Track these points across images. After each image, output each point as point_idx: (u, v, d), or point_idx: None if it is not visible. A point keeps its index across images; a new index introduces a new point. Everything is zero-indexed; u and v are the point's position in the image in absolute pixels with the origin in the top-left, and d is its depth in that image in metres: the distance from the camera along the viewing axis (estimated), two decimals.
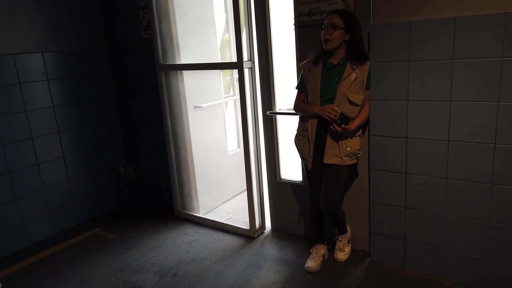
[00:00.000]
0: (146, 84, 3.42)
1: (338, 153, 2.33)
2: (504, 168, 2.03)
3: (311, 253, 2.63)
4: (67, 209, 3.40)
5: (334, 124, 2.20)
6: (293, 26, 2.60)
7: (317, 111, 2.28)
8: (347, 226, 2.63)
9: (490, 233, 2.14)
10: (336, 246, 2.68)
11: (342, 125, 2.19)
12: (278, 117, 2.90)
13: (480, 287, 2.24)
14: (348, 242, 2.66)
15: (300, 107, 2.44)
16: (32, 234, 3.17)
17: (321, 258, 2.61)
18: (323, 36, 2.23)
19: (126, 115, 3.68)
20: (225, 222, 3.26)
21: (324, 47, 2.25)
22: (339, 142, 2.31)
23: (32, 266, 2.86)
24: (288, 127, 2.94)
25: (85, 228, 3.39)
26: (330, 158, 2.34)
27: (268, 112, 2.87)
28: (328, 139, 2.32)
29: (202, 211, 3.54)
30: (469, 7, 1.98)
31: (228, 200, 3.83)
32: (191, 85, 3.37)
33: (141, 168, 3.75)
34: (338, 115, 2.18)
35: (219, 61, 3.71)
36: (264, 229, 3.14)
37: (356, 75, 2.26)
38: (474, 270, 2.23)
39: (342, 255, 2.64)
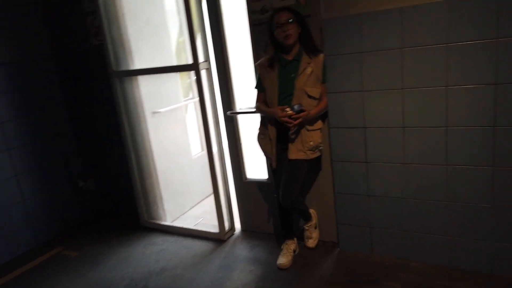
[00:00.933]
0: (100, 93, 3.29)
1: (301, 148, 2.35)
2: (457, 149, 2.13)
3: (282, 249, 2.64)
4: (25, 230, 3.21)
5: (288, 120, 2.22)
6: (247, 24, 2.60)
7: (271, 114, 2.32)
8: (311, 213, 2.66)
9: (449, 212, 2.23)
10: (305, 235, 2.70)
11: (297, 115, 2.21)
12: (239, 116, 2.89)
13: (445, 264, 2.33)
14: (315, 228, 2.70)
15: (260, 108, 2.44)
16: None
17: (292, 253, 2.62)
18: (283, 33, 2.21)
19: (82, 126, 3.53)
20: (194, 228, 3.20)
21: (285, 42, 2.24)
22: (301, 137, 2.33)
23: None
24: (250, 126, 2.93)
25: (46, 249, 3.21)
26: (294, 153, 2.35)
27: (228, 113, 2.85)
28: (290, 136, 2.34)
29: (170, 219, 3.46)
30: None
31: (196, 205, 3.76)
32: (148, 91, 3.28)
33: (102, 180, 3.61)
34: (293, 116, 2.21)
35: (175, 64, 3.63)
36: (234, 230, 3.12)
37: (311, 69, 2.29)
38: (438, 248, 2.32)
39: (311, 242, 2.68)
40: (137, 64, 3.20)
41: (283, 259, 2.56)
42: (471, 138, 2.08)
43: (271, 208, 2.92)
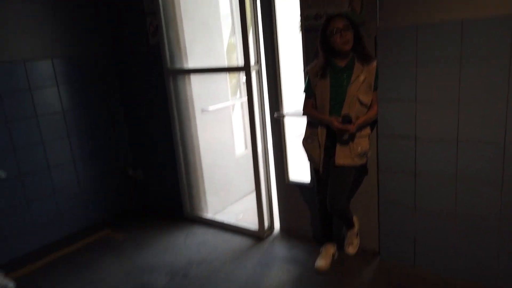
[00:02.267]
0: (154, 89, 3.46)
1: (349, 154, 2.36)
2: None
3: (321, 252, 2.66)
4: (78, 211, 3.45)
5: (343, 128, 2.25)
6: (299, 30, 2.64)
7: (326, 122, 2.34)
8: (354, 220, 2.67)
9: (501, 232, 2.16)
10: (346, 241, 2.71)
11: (348, 125, 2.24)
12: (286, 119, 2.94)
13: (492, 285, 2.25)
14: (357, 236, 2.70)
15: (310, 113, 2.47)
16: (44, 236, 3.22)
17: (331, 257, 2.63)
18: (340, 39, 2.21)
19: (134, 119, 3.73)
20: (234, 223, 3.29)
21: (342, 49, 2.24)
22: (350, 143, 2.34)
23: (44, 267, 2.90)
24: (295, 129, 2.97)
25: (96, 230, 3.44)
26: (341, 159, 2.37)
27: (275, 114, 2.91)
28: (338, 141, 2.36)
29: (211, 212, 3.58)
30: (475, 9, 2.01)
31: (237, 201, 3.86)
32: (199, 89, 3.42)
33: (150, 170, 3.79)
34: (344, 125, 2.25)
35: (226, 64, 3.75)
36: (273, 230, 3.17)
37: (364, 76, 2.29)
38: (487, 268, 2.25)
39: (351, 248, 2.68)
40: (190, 63, 3.34)
41: (322, 262, 2.58)
42: None
43: (312, 211, 2.94)
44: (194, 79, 3.37)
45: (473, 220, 2.23)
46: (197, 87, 3.40)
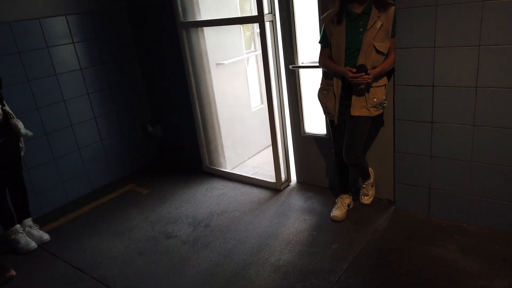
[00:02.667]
0: (168, 43, 3.44)
1: (365, 105, 2.33)
2: None
3: (336, 202, 2.72)
4: (102, 167, 3.60)
5: (359, 80, 2.20)
6: None
7: (342, 73, 2.29)
8: (370, 172, 2.69)
9: None
10: (361, 192, 2.77)
11: (362, 75, 2.18)
12: (301, 71, 2.89)
13: (504, 229, 2.28)
14: (372, 186, 2.74)
15: (325, 64, 2.41)
16: (72, 191, 3.40)
17: (346, 207, 2.70)
18: None
19: (150, 74, 3.75)
20: (251, 176, 3.37)
21: None
22: (366, 94, 2.31)
23: (74, 220, 3.09)
24: (311, 81, 2.93)
25: (120, 185, 3.59)
26: (357, 110, 2.34)
27: (290, 66, 2.86)
28: (354, 91, 2.32)
29: (229, 166, 3.66)
30: None
31: (254, 155, 3.92)
32: (213, 42, 3.37)
33: (168, 126, 3.86)
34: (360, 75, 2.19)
35: (239, 15, 3.65)
36: (290, 181, 3.24)
37: (381, 22, 2.20)
38: (498, 213, 2.27)
39: (367, 199, 2.75)
40: (203, 16, 3.27)
41: (337, 212, 2.65)
42: None
43: (328, 163, 2.97)
44: (208, 32, 3.32)
45: (488, 167, 2.22)
46: (211, 40, 3.36)
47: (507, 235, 2.25)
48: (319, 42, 2.45)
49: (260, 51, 3.00)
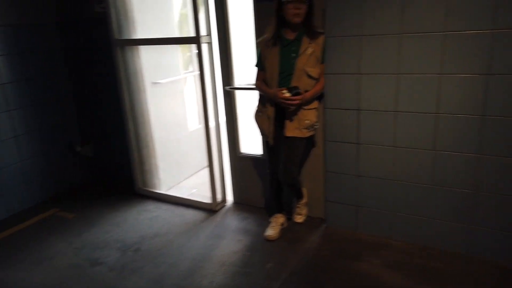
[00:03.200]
0: (102, 60, 3.32)
1: (298, 126, 2.42)
2: (445, 136, 2.21)
3: (271, 222, 2.75)
4: (22, 190, 3.30)
5: (287, 102, 2.30)
6: (251, 1, 2.62)
7: (271, 96, 2.37)
8: (303, 192, 2.78)
9: (434, 196, 2.34)
10: (294, 211, 2.83)
11: (295, 97, 2.28)
12: (237, 92, 2.94)
13: (424, 244, 2.45)
14: (305, 206, 2.83)
15: (259, 87, 2.49)
16: None
17: (280, 226, 2.73)
18: (292, 10, 2.21)
19: (82, 92, 3.57)
20: (187, 197, 3.30)
21: (292, 20, 2.26)
22: (298, 116, 2.40)
23: None
24: (248, 102, 2.99)
25: (42, 209, 3.31)
26: (290, 131, 2.43)
27: (227, 88, 2.90)
28: (287, 114, 2.41)
29: (164, 188, 3.55)
30: None
31: (190, 176, 3.85)
32: (149, 61, 3.32)
33: (100, 146, 3.67)
34: (288, 98, 2.29)
35: (177, 36, 3.65)
36: (226, 202, 3.22)
37: (312, 49, 2.33)
38: (419, 229, 2.44)
39: (299, 218, 2.82)
40: (139, 34, 3.22)
41: (271, 231, 2.67)
42: (459, 125, 2.16)
43: (264, 183, 3.01)
44: (144, 50, 3.26)
45: (409, 185, 2.39)
46: (147, 59, 3.30)
47: (426, 249, 2.42)
48: (255, 65, 2.52)
49: (198, 72, 3.01)
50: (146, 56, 3.29)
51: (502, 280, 2.12)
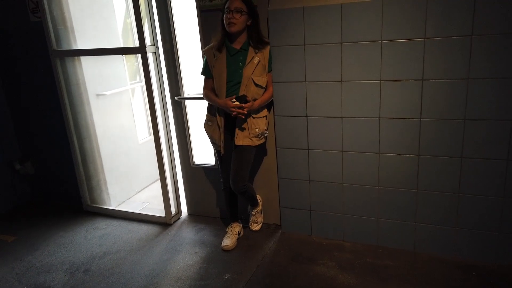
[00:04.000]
0: (40, 72, 3.13)
1: (247, 135, 2.43)
2: (388, 138, 2.32)
3: (227, 232, 2.73)
4: None
5: (237, 111, 2.30)
6: (195, 10, 2.60)
7: (221, 105, 2.36)
8: (258, 199, 2.78)
9: (380, 196, 2.45)
10: (250, 219, 2.83)
11: (244, 105, 2.29)
12: (187, 102, 2.90)
13: (374, 243, 2.55)
14: (261, 213, 2.83)
15: (208, 96, 2.47)
16: None
17: (237, 235, 2.72)
18: (227, 19, 2.26)
19: (19, 106, 3.34)
20: (139, 212, 3.19)
21: (228, 29, 2.29)
22: (248, 124, 2.41)
23: None
24: (198, 112, 2.96)
25: None
26: (240, 140, 2.43)
27: (176, 98, 2.85)
28: (237, 123, 2.41)
29: (114, 203, 3.41)
30: None
31: (142, 190, 3.74)
32: (92, 72, 3.18)
33: (42, 163, 3.46)
34: (239, 106, 2.29)
35: (121, 46, 3.54)
36: (180, 214, 3.15)
37: (258, 59, 2.36)
38: (369, 229, 2.54)
39: (255, 225, 2.82)
40: (80, 44, 3.08)
41: (228, 241, 2.65)
42: (400, 128, 2.28)
43: (218, 193, 2.99)
44: (86, 61, 3.12)
45: (357, 187, 2.48)
46: (90, 70, 3.16)
47: (376, 248, 2.52)
48: (201, 73, 2.50)
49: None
50: (89, 67, 3.15)
51: (448, 273, 2.26)
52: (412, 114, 2.24)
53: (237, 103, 2.31)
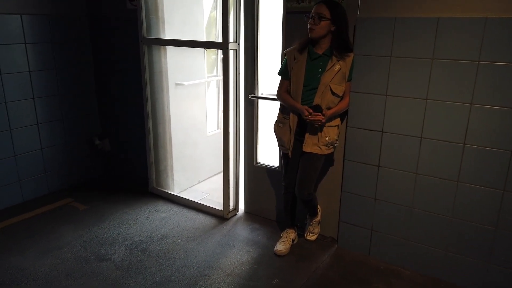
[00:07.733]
0: (128, 57, 3.35)
1: (317, 143, 2.37)
2: (470, 167, 2.13)
3: (281, 236, 2.70)
4: (39, 177, 3.34)
5: (314, 118, 2.25)
6: (281, 11, 2.60)
7: (299, 109, 2.32)
8: (318, 209, 2.71)
9: (452, 228, 2.25)
10: (307, 229, 2.76)
11: (317, 114, 2.24)
12: (260, 101, 2.91)
13: (437, 277, 2.36)
14: (318, 224, 2.76)
15: (283, 97, 2.45)
16: (2, 200, 3.11)
17: (291, 242, 2.68)
18: (309, 24, 2.24)
19: (105, 86, 3.61)
20: (199, 202, 3.28)
21: (309, 34, 2.26)
22: (319, 132, 2.35)
23: (0, 232, 2.82)
24: (268, 112, 2.96)
25: (56, 198, 3.35)
26: (309, 146, 2.38)
27: (250, 96, 2.88)
28: (308, 129, 2.36)
29: (177, 189, 3.54)
30: (452, 9, 2.02)
31: (204, 180, 3.84)
32: (174, 62, 3.33)
33: (118, 141, 3.70)
34: (316, 114, 2.25)
35: (205, 39, 3.66)
36: (238, 211, 3.19)
37: (340, 66, 2.29)
38: (434, 261, 2.35)
39: (311, 236, 2.75)
40: (167, 34, 3.23)
41: (281, 246, 2.62)
42: (486, 159, 2.08)
43: (277, 195, 2.97)
44: (170, 51, 3.27)
45: (427, 214, 2.31)
46: (173, 60, 3.31)
47: (438, 282, 2.33)
48: (278, 74, 2.49)
49: (221, 77, 3.00)
50: (172, 57, 3.30)
51: None
52: (503, 145, 2.02)
53: (311, 114, 2.26)
